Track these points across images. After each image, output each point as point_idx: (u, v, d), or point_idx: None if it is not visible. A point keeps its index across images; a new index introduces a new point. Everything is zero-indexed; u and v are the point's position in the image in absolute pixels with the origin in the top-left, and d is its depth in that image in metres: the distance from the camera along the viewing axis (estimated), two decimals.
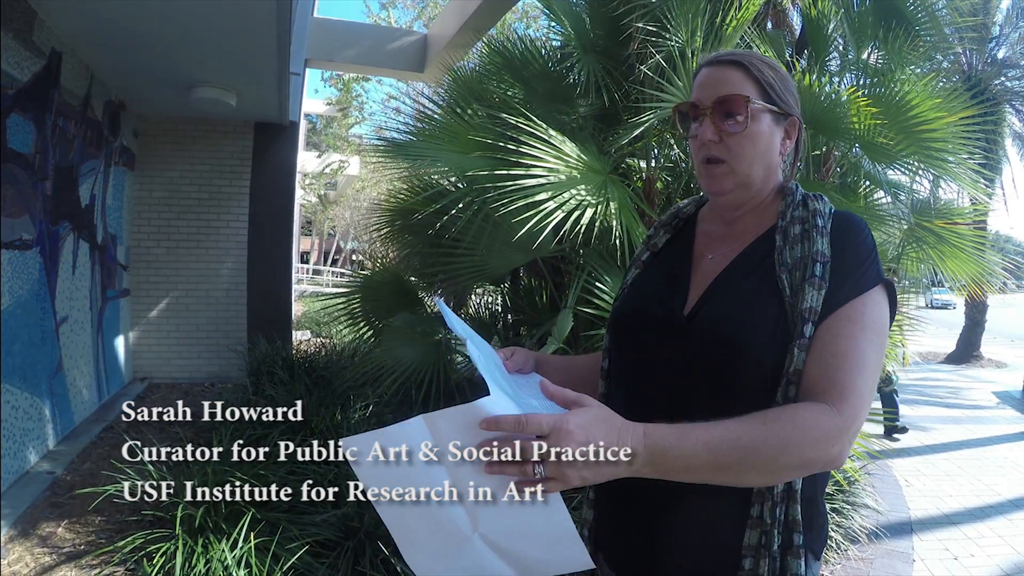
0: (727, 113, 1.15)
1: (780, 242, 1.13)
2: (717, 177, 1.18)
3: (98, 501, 3.59)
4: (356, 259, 31.86)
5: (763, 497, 1.05)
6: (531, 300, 4.68)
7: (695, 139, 1.19)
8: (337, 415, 4.29)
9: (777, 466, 0.95)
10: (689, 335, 1.13)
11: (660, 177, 4.22)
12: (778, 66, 1.22)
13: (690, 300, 1.19)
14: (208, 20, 4.35)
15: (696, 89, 1.21)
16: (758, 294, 1.10)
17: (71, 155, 5.12)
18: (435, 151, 3.94)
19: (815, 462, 0.97)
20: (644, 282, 1.32)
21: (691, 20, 3.68)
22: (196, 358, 7.37)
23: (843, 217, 1.15)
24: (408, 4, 17.51)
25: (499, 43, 4.48)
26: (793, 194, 1.20)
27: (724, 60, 1.20)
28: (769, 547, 1.05)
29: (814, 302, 1.03)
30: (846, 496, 4.21)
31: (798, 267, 1.08)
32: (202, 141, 7.31)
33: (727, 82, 1.17)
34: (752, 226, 1.22)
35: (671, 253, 1.33)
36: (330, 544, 3.06)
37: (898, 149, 3.63)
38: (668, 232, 1.37)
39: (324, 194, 26.24)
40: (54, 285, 4.87)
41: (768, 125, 1.17)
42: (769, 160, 1.19)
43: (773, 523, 1.05)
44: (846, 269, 1.07)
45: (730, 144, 1.16)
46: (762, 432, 0.93)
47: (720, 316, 1.11)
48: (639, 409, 1.16)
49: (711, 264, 1.22)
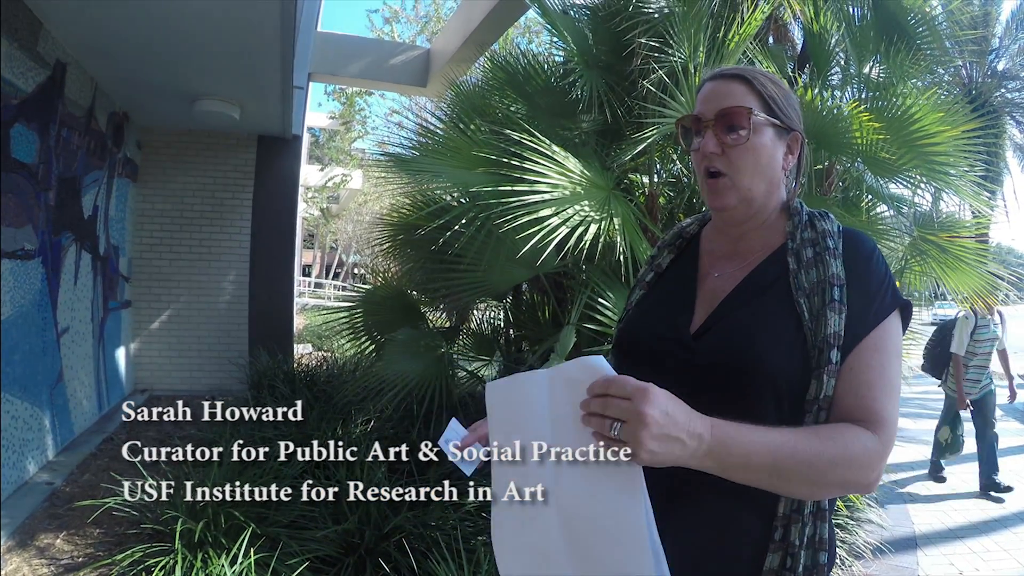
0: (729, 126, 1.15)
1: (794, 265, 1.13)
2: (719, 192, 1.17)
3: (97, 513, 3.58)
4: (358, 273, 31.90)
5: (789, 520, 1.06)
6: (533, 316, 4.67)
7: (697, 152, 1.19)
8: (338, 429, 4.28)
9: (824, 482, 0.98)
10: (696, 354, 1.13)
11: (663, 192, 4.23)
12: (781, 82, 1.22)
13: (696, 318, 1.19)
14: (212, 33, 4.37)
15: (699, 103, 1.21)
16: (773, 315, 1.10)
17: (74, 166, 5.13)
18: (438, 166, 3.94)
19: (855, 485, 1.01)
20: (649, 302, 1.31)
21: (693, 36, 3.69)
22: (197, 370, 7.36)
23: (853, 237, 1.15)
24: (411, 19, 17.62)
25: (502, 58, 4.50)
26: (799, 213, 1.20)
27: (728, 74, 1.20)
28: (795, 569, 1.05)
29: (837, 327, 1.04)
30: (850, 512, 4.19)
31: (815, 292, 1.09)
32: (205, 153, 7.33)
33: (730, 95, 1.17)
34: (758, 244, 1.21)
35: (676, 272, 1.33)
36: (331, 560, 3.04)
37: (901, 163, 3.63)
38: (672, 252, 1.36)
39: (326, 207, 26.27)
40: (56, 295, 4.87)
41: (770, 139, 1.17)
42: (771, 175, 1.19)
43: (801, 544, 1.05)
44: (867, 295, 1.08)
45: (732, 157, 1.15)
46: (818, 446, 0.96)
47: (731, 335, 1.11)
48: None
49: (717, 282, 1.22)
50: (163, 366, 7.26)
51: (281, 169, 7.69)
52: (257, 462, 3.71)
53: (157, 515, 3.21)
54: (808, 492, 1.00)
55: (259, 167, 7.53)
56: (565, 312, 4.07)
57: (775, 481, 0.96)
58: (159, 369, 7.25)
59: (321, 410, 4.75)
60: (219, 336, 7.44)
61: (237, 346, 7.42)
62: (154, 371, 7.24)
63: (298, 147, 7.85)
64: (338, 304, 5.70)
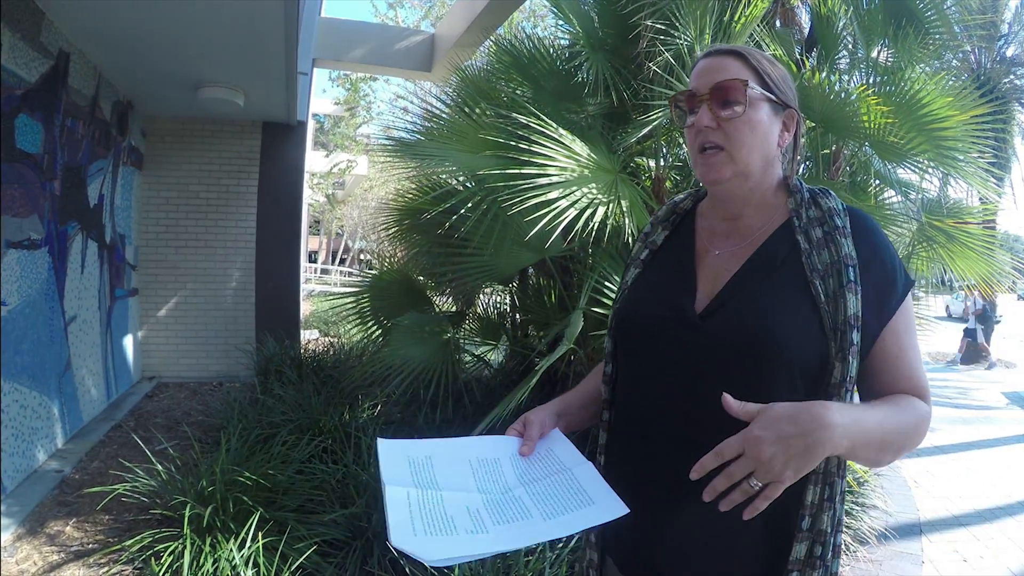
0: (725, 100, 1.14)
1: (805, 245, 1.13)
2: (715, 165, 1.15)
3: (106, 500, 3.60)
4: (364, 258, 31.90)
5: (819, 508, 1.07)
6: (539, 300, 4.67)
7: (691, 128, 1.18)
8: (345, 414, 4.30)
9: (901, 448, 1.05)
10: (704, 333, 1.11)
11: (669, 176, 4.21)
12: (775, 61, 1.20)
13: (700, 297, 1.17)
14: (216, 20, 4.35)
15: (694, 78, 1.20)
16: (788, 295, 1.10)
17: (79, 155, 5.13)
18: (443, 150, 3.93)
19: (914, 447, 1.08)
20: (647, 281, 1.29)
21: (700, 18, 3.66)
22: (204, 357, 7.39)
23: (858, 215, 1.15)
24: (415, 3, 17.55)
25: (507, 42, 4.46)
26: (800, 191, 1.19)
27: (722, 50, 1.19)
28: (824, 557, 1.07)
29: (855, 308, 1.05)
30: (855, 497, 4.19)
31: (830, 273, 1.09)
32: (210, 141, 7.32)
33: (725, 69, 1.15)
34: (758, 222, 1.20)
35: (671, 249, 1.31)
36: (338, 544, 3.06)
37: (910, 147, 3.60)
38: (666, 228, 1.34)
39: (332, 193, 26.30)
40: (63, 284, 4.89)
41: (767, 114, 1.16)
42: (767, 150, 1.17)
43: (831, 531, 1.08)
44: (888, 276, 1.11)
45: (728, 130, 1.14)
46: (905, 418, 1.04)
47: (746, 314, 1.09)
48: (651, 411, 1.15)
49: (719, 260, 1.20)
50: (171, 353, 7.29)
51: (286, 156, 7.67)
52: (265, 447, 3.73)
53: (166, 501, 3.24)
54: (882, 459, 1.05)
55: (264, 154, 7.52)
56: (571, 296, 4.06)
57: (874, 454, 1.02)
58: (167, 356, 7.28)
59: (328, 395, 4.77)
60: (226, 323, 7.46)
61: (244, 332, 7.45)
62: (162, 358, 7.27)
63: (303, 133, 7.83)
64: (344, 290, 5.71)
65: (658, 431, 1.14)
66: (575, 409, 1.32)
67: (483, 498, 1.05)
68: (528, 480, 1.10)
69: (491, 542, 0.96)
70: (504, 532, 0.97)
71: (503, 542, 0.97)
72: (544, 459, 1.16)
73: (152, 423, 5.50)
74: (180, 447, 4.49)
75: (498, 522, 0.99)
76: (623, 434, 1.23)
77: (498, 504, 1.04)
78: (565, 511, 1.02)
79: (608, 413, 1.29)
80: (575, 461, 1.14)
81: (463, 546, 0.93)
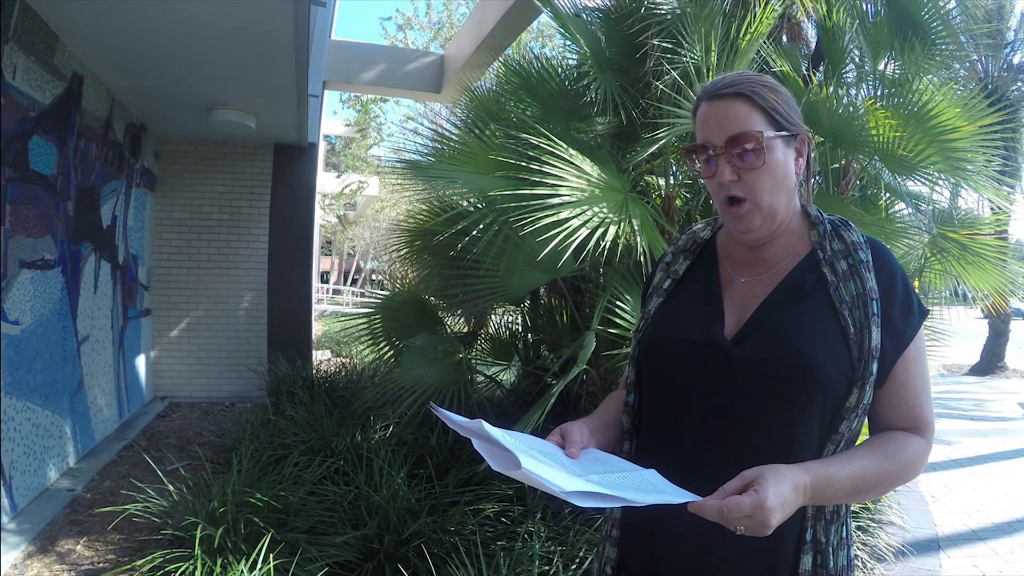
0: (742, 152, 1.13)
1: (832, 277, 1.15)
2: (743, 217, 1.16)
3: (118, 519, 3.60)
4: (376, 279, 31.99)
5: (815, 520, 1.11)
6: (551, 320, 4.66)
7: (712, 180, 1.17)
8: (357, 435, 4.29)
9: (887, 489, 1.12)
10: (736, 359, 1.12)
11: (679, 194, 4.20)
12: (776, 85, 1.19)
13: (729, 324, 1.18)
14: (227, 44, 4.41)
15: (701, 127, 1.18)
16: (819, 322, 1.12)
17: (93, 176, 5.19)
18: (454, 171, 3.94)
19: (907, 482, 1.13)
20: (672, 309, 1.28)
21: (706, 36, 3.67)
22: (216, 377, 7.41)
23: (878, 248, 1.17)
24: (424, 25, 17.67)
25: (515, 63, 4.48)
26: (822, 222, 1.20)
27: (725, 93, 1.16)
28: (826, 566, 1.10)
29: (877, 340, 1.09)
30: (871, 514, 4.14)
31: (857, 305, 1.11)
32: (222, 163, 7.39)
33: (735, 118, 1.14)
34: (783, 251, 1.21)
35: (695, 278, 1.30)
36: (350, 566, 3.05)
37: (920, 159, 3.59)
38: (688, 258, 1.33)
39: (344, 214, 26.39)
40: (76, 304, 4.92)
41: (782, 152, 1.15)
42: (788, 185, 1.18)
43: (828, 542, 1.11)
44: (906, 309, 1.13)
45: (749, 181, 1.14)
46: (886, 465, 1.07)
47: (779, 340, 1.11)
48: (680, 439, 1.16)
49: (746, 288, 1.21)
50: (183, 373, 7.32)
51: (297, 177, 7.73)
52: (277, 468, 3.72)
53: (177, 521, 3.23)
54: (873, 497, 1.12)
55: (276, 175, 7.58)
56: (583, 316, 4.05)
57: (851, 499, 1.07)
58: (179, 376, 7.31)
59: (340, 416, 4.77)
60: (238, 343, 7.49)
61: (256, 353, 7.47)
62: (174, 378, 7.29)
63: (314, 155, 7.89)
64: (356, 310, 5.70)
65: (691, 456, 1.13)
66: (602, 429, 1.29)
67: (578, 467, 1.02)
68: (598, 472, 1.03)
69: (624, 494, 0.92)
70: (624, 492, 0.94)
71: (634, 496, 0.93)
72: (601, 460, 1.10)
73: (164, 443, 5.51)
74: (192, 467, 4.50)
75: (611, 486, 0.95)
76: (650, 462, 1.22)
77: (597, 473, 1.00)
78: (654, 491, 0.98)
79: (630, 444, 1.28)
80: (635, 466, 1.08)
81: (614, 493, 0.91)
